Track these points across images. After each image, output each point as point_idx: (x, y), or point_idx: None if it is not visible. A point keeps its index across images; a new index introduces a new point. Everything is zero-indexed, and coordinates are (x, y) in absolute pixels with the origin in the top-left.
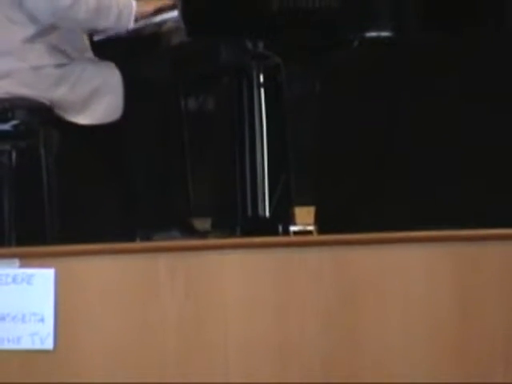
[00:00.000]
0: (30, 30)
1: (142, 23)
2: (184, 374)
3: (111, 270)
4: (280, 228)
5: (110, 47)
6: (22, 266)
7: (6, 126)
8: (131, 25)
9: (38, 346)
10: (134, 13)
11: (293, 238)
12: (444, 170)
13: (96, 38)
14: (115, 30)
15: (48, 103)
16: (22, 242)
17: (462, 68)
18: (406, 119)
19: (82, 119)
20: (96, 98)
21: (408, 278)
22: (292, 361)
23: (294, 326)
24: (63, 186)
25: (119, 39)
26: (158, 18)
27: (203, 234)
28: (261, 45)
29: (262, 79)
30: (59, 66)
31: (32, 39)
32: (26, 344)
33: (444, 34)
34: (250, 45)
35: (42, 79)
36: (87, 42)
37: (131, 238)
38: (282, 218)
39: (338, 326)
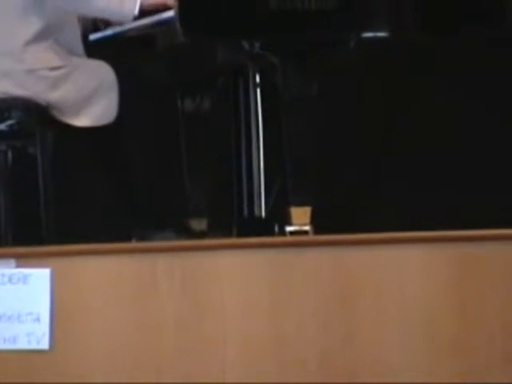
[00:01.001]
0: (31, 32)
1: (138, 23)
2: (182, 374)
3: (107, 270)
4: (276, 228)
5: (106, 47)
6: (18, 265)
7: (2, 126)
8: (136, 11)
9: (33, 345)
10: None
11: (289, 238)
12: (442, 171)
13: (92, 37)
14: (119, 15)
15: (44, 104)
16: (18, 242)
17: (460, 68)
18: (404, 120)
19: (78, 121)
20: (92, 100)
21: (405, 278)
22: (289, 361)
23: (290, 326)
24: (59, 186)
25: (116, 39)
26: (155, 19)
27: (200, 235)
28: (257, 45)
29: (258, 80)
30: (55, 68)
31: (31, 42)
32: (22, 344)
33: (442, 34)
34: (246, 45)
35: (38, 82)
36: (82, 48)
37: (127, 239)
38: (278, 218)
39: (334, 326)
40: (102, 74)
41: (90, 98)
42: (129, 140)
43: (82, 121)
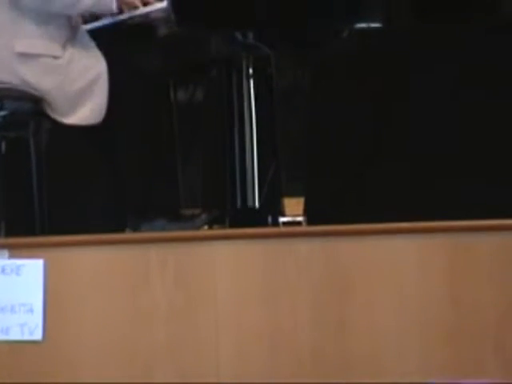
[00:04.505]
0: (26, 21)
1: (131, 13)
2: (174, 365)
3: (101, 261)
4: (269, 219)
5: (99, 37)
6: (11, 256)
7: None
8: (114, 6)
9: (26, 336)
10: None
11: (282, 229)
12: (439, 159)
13: (86, 27)
14: (98, 10)
15: (37, 94)
16: (11, 232)
17: (454, 57)
18: (396, 110)
19: (67, 119)
20: (82, 98)
21: (399, 269)
22: (282, 351)
23: (283, 316)
24: (52, 176)
25: (109, 29)
26: (148, 8)
27: (191, 218)
28: (250, 36)
29: (251, 70)
30: (47, 56)
31: (25, 30)
32: (15, 335)
33: (436, 23)
34: (239, 36)
35: (29, 67)
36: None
37: (121, 229)
38: (271, 208)
39: (328, 317)
40: (94, 72)
41: (80, 95)
42: (122, 130)
43: (70, 118)
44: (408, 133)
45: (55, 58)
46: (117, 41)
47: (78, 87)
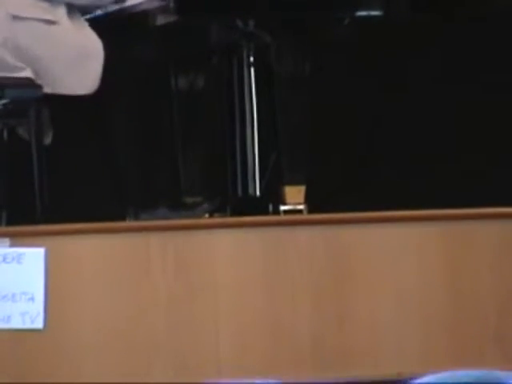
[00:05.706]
0: None
1: (132, 2)
2: (175, 353)
3: (102, 249)
4: (270, 207)
5: (98, 27)
6: (12, 245)
7: None
8: None
9: (28, 325)
10: None
11: (283, 217)
12: (438, 147)
13: (87, 17)
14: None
15: (33, 76)
16: (12, 221)
17: (452, 46)
18: (396, 97)
19: (58, 89)
20: (76, 68)
21: (399, 257)
22: (283, 339)
23: (284, 304)
24: (53, 164)
25: (110, 18)
26: None
27: (192, 206)
28: (251, 24)
29: (252, 58)
30: (44, 21)
31: None
32: (16, 323)
33: (434, 13)
34: (240, 24)
35: (25, 31)
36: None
37: (121, 218)
38: (272, 197)
39: (328, 305)
40: (89, 47)
41: (73, 64)
42: (123, 118)
43: (61, 89)
44: (410, 119)
45: (49, 23)
46: (116, 31)
47: (71, 57)
